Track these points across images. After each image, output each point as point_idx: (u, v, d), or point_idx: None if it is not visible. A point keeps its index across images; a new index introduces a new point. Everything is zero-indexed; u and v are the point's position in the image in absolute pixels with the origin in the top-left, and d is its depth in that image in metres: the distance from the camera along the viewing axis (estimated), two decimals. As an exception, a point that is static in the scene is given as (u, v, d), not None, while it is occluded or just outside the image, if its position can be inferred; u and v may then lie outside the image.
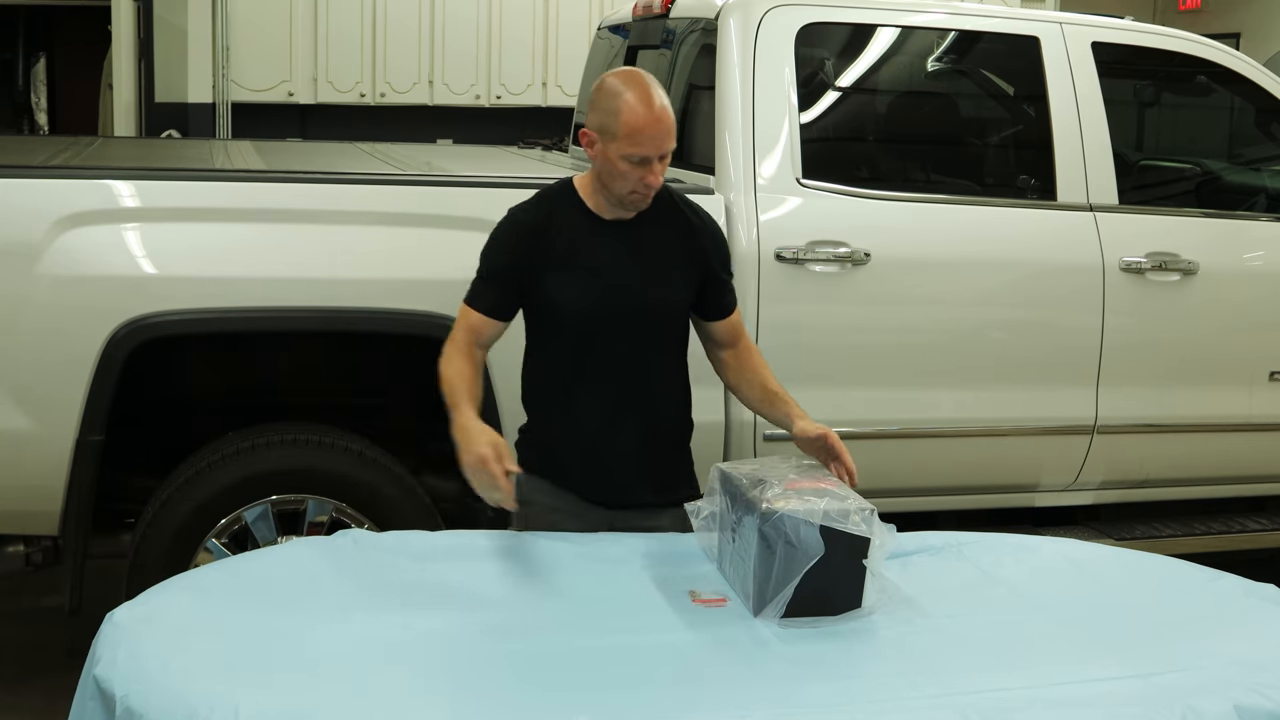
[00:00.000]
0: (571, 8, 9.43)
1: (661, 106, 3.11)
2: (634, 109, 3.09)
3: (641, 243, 3.27)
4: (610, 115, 3.12)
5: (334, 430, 3.98)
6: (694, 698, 2.46)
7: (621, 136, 3.11)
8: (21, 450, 3.73)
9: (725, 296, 3.41)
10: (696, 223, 3.36)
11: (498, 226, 3.32)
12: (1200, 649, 2.73)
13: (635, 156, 3.11)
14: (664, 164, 3.16)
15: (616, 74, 3.21)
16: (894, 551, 3.18)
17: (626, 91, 3.12)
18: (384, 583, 2.89)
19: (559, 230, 3.24)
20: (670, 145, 3.14)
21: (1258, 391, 4.73)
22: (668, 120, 3.12)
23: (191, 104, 8.99)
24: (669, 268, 3.30)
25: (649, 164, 3.12)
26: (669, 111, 3.13)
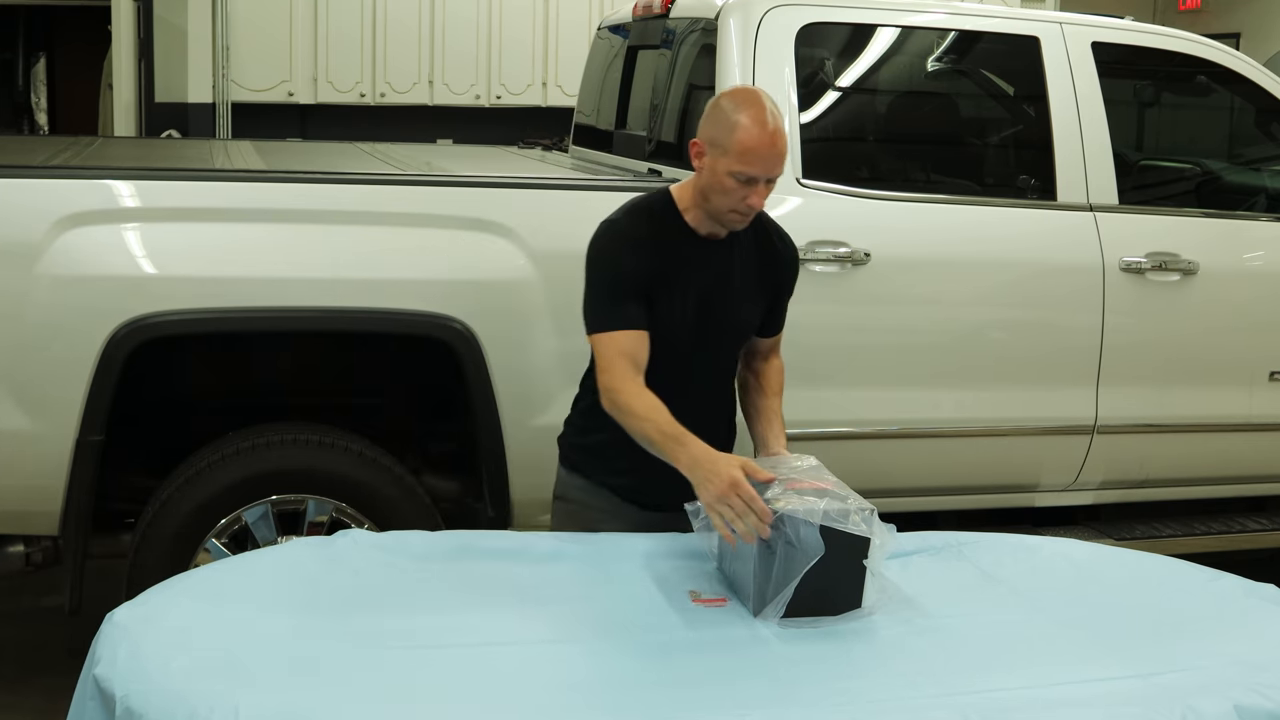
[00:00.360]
0: (571, 8, 9.43)
1: (776, 130, 3.09)
2: (749, 129, 3.07)
3: (732, 263, 3.27)
4: (724, 130, 3.10)
5: (334, 430, 3.98)
6: (694, 698, 2.46)
7: (733, 153, 3.08)
8: (21, 450, 3.73)
9: (782, 317, 3.45)
10: (782, 249, 3.38)
11: (606, 241, 3.21)
12: (1200, 649, 2.74)
13: (743, 175, 3.09)
14: (769, 188, 3.14)
15: (738, 91, 3.21)
16: (894, 551, 3.18)
17: (746, 109, 3.09)
18: (384, 583, 2.89)
19: (661, 244, 3.21)
20: (779, 170, 3.12)
21: (1258, 391, 4.73)
22: (781, 144, 3.10)
23: (191, 104, 8.99)
24: (751, 290, 3.32)
25: (755, 184, 3.10)
26: (783, 136, 3.11)
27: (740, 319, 3.33)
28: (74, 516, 3.76)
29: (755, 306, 3.35)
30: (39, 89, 11.98)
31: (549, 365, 3.97)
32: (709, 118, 3.16)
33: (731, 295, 3.28)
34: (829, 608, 2.79)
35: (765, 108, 3.10)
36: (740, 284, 3.29)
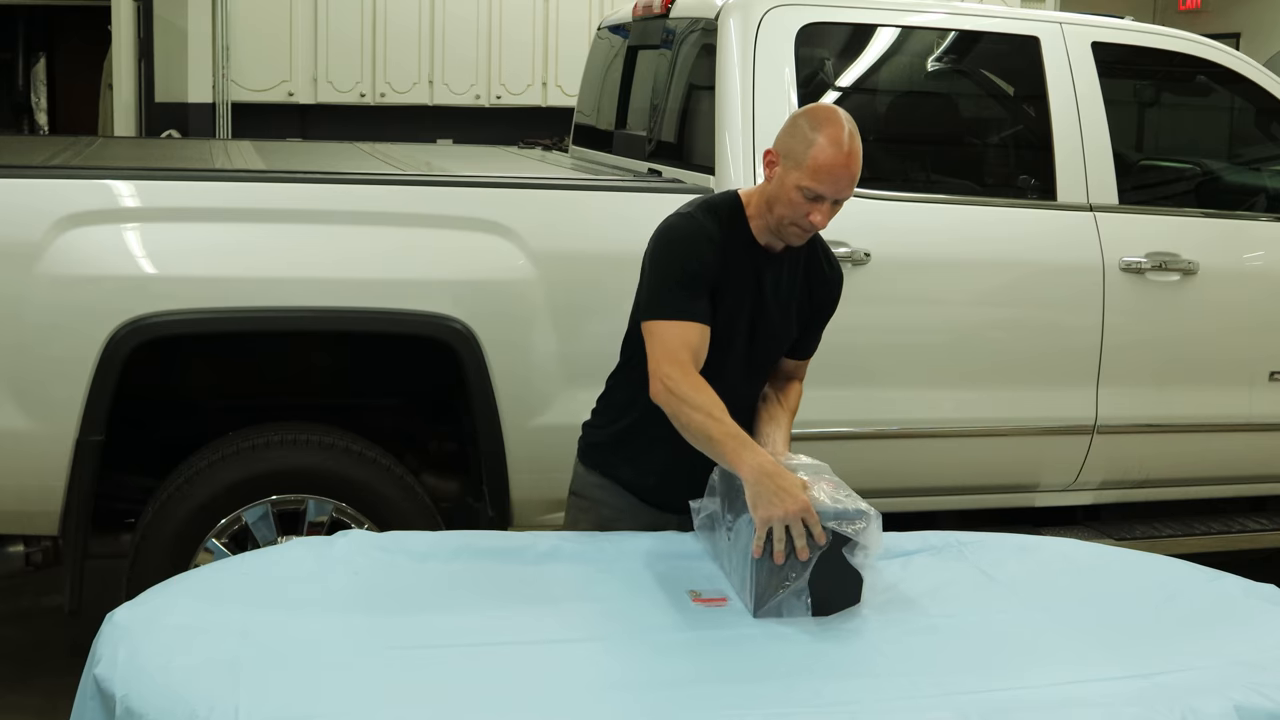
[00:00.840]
0: (571, 8, 9.43)
1: (852, 152, 3.09)
2: (825, 148, 3.07)
3: (782, 278, 3.28)
4: (801, 145, 3.10)
5: (334, 430, 3.98)
6: (694, 698, 2.46)
7: (806, 169, 3.08)
8: (21, 450, 3.73)
9: (815, 340, 3.45)
10: (829, 273, 3.37)
11: (684, 230, 3.18)
12: (1200, 649, 2.74)
13: (812, 192, 3.09)
14: (835, 209, 3.14)
15: (821, 108, 3.20)
16: (894, 551, 3.19)
17: (827, 128, 3.09)
18: (384, 583, 2.89)
19: (729, 246, 3.21)
20: (848, 193, 3.12)
21: (1258, 391, 4.73)
22: (855, 168, 3.09)
23: (191, 104, 8.99)
24: (796, 307, 3.32)
25: (822, 202, 3.10)
26: (859, 160, 3.10)
27: (781, 335, 3.33)
28: (74, 516, 3.76)
29: (791, 324, 3.35)
30: (39, 89, 11.99)
31: (549, 365, 3.97)
32: (788, 129, 3.17)
33: (775, 309, 3.28)
34: (827, 607, 2.79)
35: (844, 129, 3.10)
36: (785, 300, 3.29)
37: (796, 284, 3.31)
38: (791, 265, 3.30)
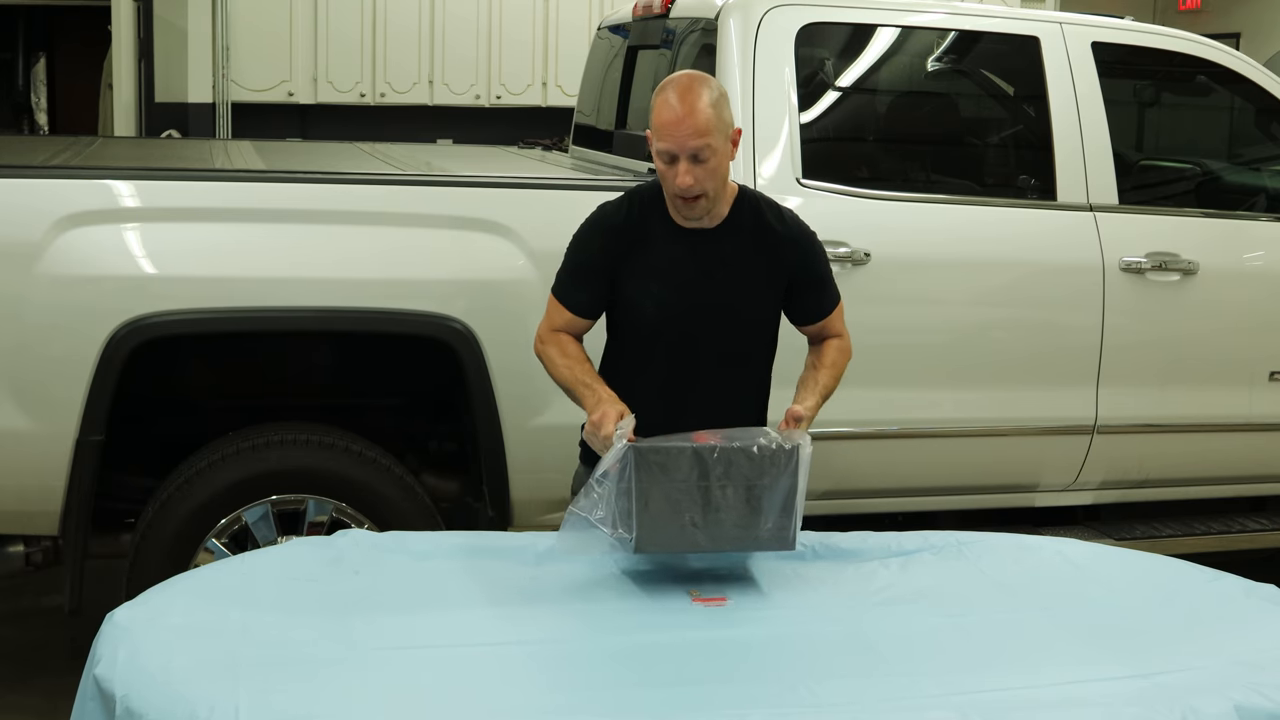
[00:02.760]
0: (571, 8, 9.43)
1: (690, 105, 3.08)
2: (662, 105, 3.10)
3: (724, 253, 3.26)
4: (650, 110, 3.14)
5: (334, 430, 3.98)
6: (694, 698, 2.46)
7: (654, 131, 3.13)
8: (21, 450, 3.73)
9: (816, 301, 3.39)
10: (782, 230, 3.33)
11: (586, 222, 3.32)
12: (1200, 649, 2.74)
13: (664, 153, 3.11)
14: (699, 166, 3.11)
15: (676, 73, 3.22)
16: (894, 551, 3.19)
17: (667, 88, 3.13)
18: (384, 583, 2.89)
19: (644, 235, 3.24)
20: (695, 144, 3.09)
21: (1258, 391, 4.73)
22: (693, 120, 3.08)
23: (191, 104, 8.99)
24: (751, 279, 3.29)
25: (677, 162, 3.11)
26: (697, 111, 3.08)
27: (731, 312, 3.29)
28: (74, 516, 3.76)
29: (759, 298, 3.32)
30: (39, 89, 11.98)
31: (549, 365, 3.97)
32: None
33: (720, 285, 3.26)
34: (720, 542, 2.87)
35: (683, 83, 3.11)
36: (732, 276, 3.27)
37: (746, 255, 3.28)
38: (736, 239, 3.27)
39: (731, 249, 3.27)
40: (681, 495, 2.85)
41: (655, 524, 2.84)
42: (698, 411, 3.22)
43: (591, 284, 3.27)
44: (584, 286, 3.27)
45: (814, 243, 3.40)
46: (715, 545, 2.88)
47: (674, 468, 2.85)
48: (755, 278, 3.30)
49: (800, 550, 3.16)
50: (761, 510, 2.89)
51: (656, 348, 3.28)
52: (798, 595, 2.95)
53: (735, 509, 2.88)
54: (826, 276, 3.42)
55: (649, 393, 3.24)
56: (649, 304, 3.25)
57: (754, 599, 2.90)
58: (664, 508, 2.85)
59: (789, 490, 2.91)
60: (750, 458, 2.88)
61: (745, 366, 3.37)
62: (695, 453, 2.86)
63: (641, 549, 2.85)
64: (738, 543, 2.90)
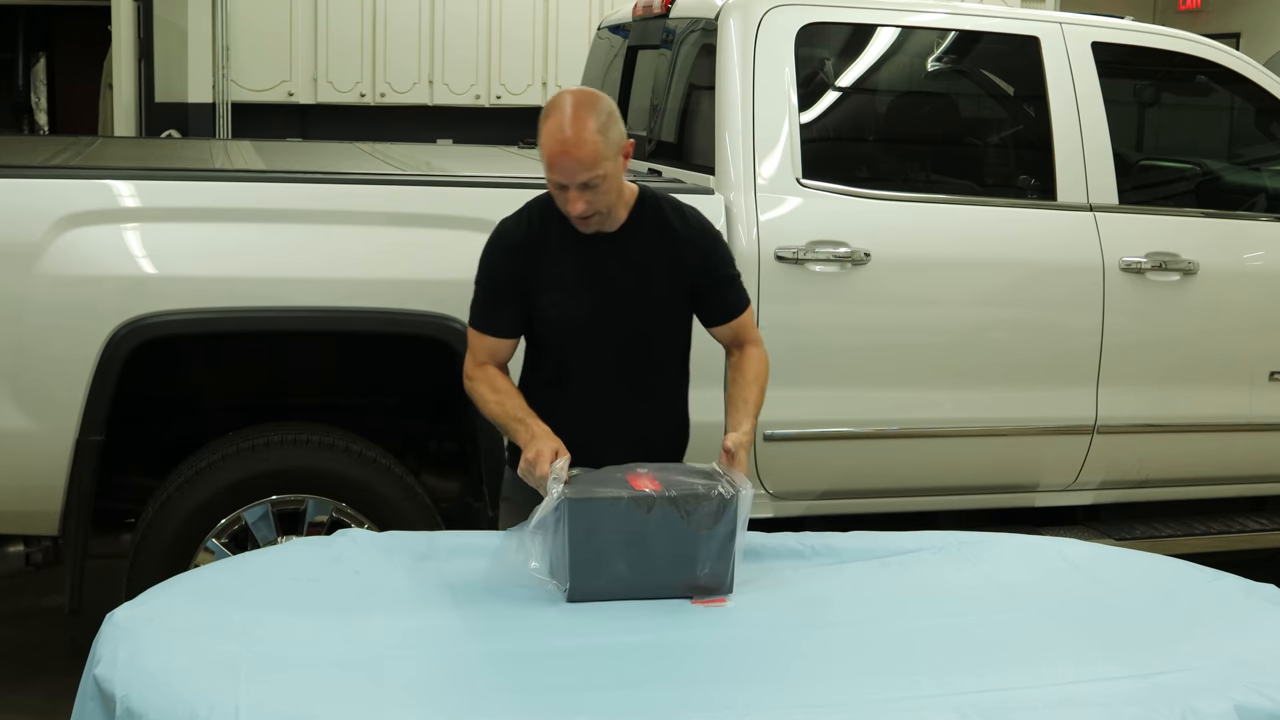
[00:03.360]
0: (571, 8, 9.43)
1: (576, 137, 3.01)
2: (550, 136, 3.05)
3: (627, 256, 3.24)
4: (538, 137, 3.10)
5: (334, 430, 3.98)
6: (694, 697, 2.46)
7: (543, 161, 3.09)
8: (21, 450, 3.73)
9: (722, 301, 3.34)
10: (683, 229, 3.29)
11: (489, 244, 3.29)
12: (1200, 649, 2.74)
13: (554, 181, 3.09)
14: (591, 192, 3.08)
15: (559, 94, 3.14)
16: (894, 551, 3.19)
17: (552, 116, 3.06)
18: (383, 583, 2.89)
19: (547, 245, 3.22)
20: (584, 176, 3.04)
21: (1258, 391, 4.73)
22: (579, 152, 3.02)
23: (191, 104, 8.98)
24: (656, 280, 3.26)
25: (567, 190, 3.08)
26: (584, 143, 3.02)
27: (639, 314, 3.26)
28: (74, 516, 3.76)
29: (665, 298, 3.27)
30: (39, 89, 11.98)
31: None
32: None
33: (631, 286, 3.23)
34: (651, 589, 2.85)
35: (566, 114, 3.04)
36: (637, 278, 3.24)
37: (650, 256, 3.25)
38: (639, 241, 3.24)
39: (634, 252, 3.24)
40: (616, 546, 2.83)
41: (589, 574, 2.82)
42: (618, 417, 3.24)
43: (505, 305, 3.24)
44: (498, 309, 3.25)
45: (717, 242, 3.36)
46: (651, 593, 2.85)
47: (608, 519, 2.83)
48: (659, 279, 3.26)
49: (800, 550, 3.16)
50: (698, 558, 2.87)
51: (571, 357, 3.27)
52: (798, 595, 2.95)
53: (671, 558, 2.86)
54: (732, 277, 3.36)
55: (569, 403, 3.26)
56: (556, 314, 3.23)
57: (754, 599, 2.90)
58: (598, 558, 2.83)
59: (726, 537, 2.88)
60: (686, 508, 2.85)
61: (660, 370, 3.35)
62: (630, 504, 2.84)
63: (575, 599, 2.83)
64: (673, 590, 2.87)
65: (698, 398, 3.48)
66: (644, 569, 2.84)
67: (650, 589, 2.85)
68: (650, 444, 3.30)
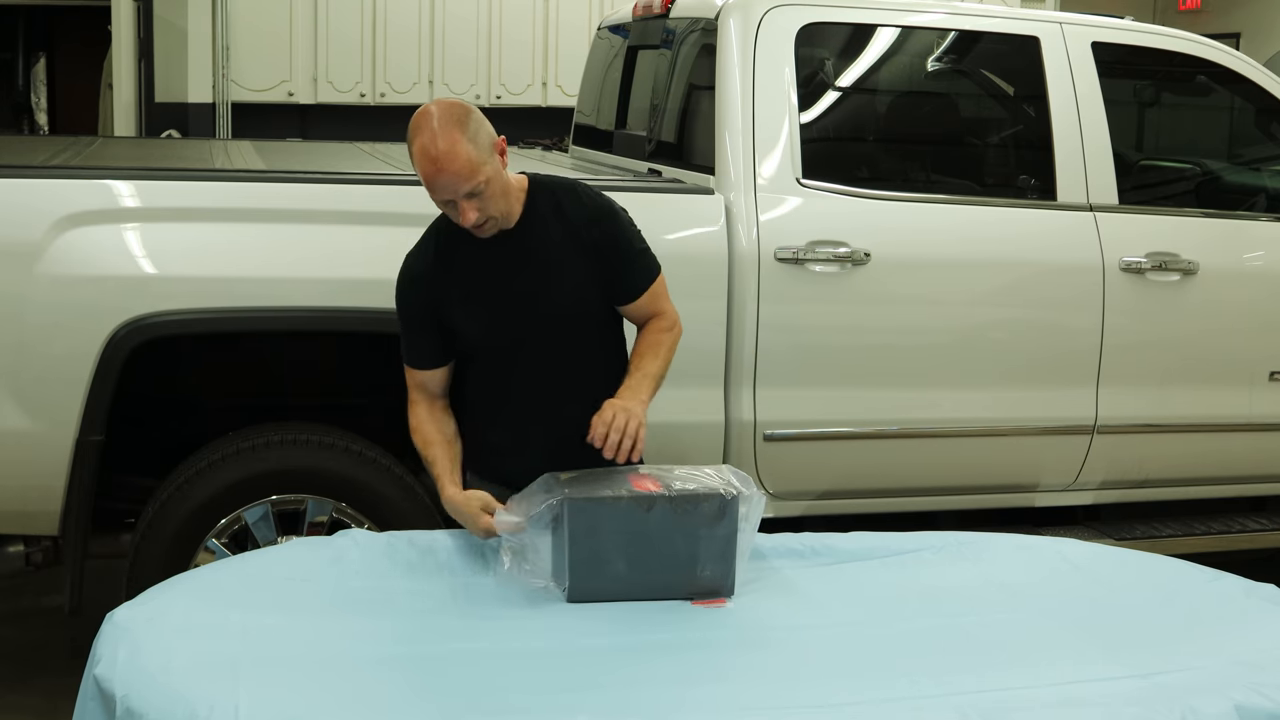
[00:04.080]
0: (571, 8, 9.43)
1: (444, 151, 2.97)
2: (421, 156, 3.01)
3: (531, 249, 3.20)
4: (411, 158, 3.06)
5: (334, 430, 3.98)
6: (694, 698, 2.46)
7: (423, 182, 3.06)
8: (21, 450, 3.73)
9: (631, 278, 3.28)
10: (578, 209, 3.24)
11: (398, 280, 3.28)
12: (1200, 649, 2.74)
13: (440, 200, 3.08)
14: (479, 199, 3.05)
15: (418, 111, 3.07)
16: (894, 551, 3.19)
17: (416, 138, 3.02)
18: (383, 583, 2.89)
19: (451, 263, 3.21)
20: (467, 186, 3.00)
21: (1258, 391, 4.73)
22: (454, 165, 2.98)
23: (191, 104, 8.99)
24: (565, 265, 3.22)
25: (455, 204, 3.05)
26: (454, 155, 2.98)
27: (556, 304, 3.22)
28: (74, 516, 3.76)
29: (578, 282, 3.23)
30: (39, 89, 11.99)
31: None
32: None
33: (545, 281, 3.21)
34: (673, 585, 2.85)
35: (429, 131, 2.99)
36: (552, 265, 3.21)
37: (554, 241, 3.21)
38: (540, 231, 3.20)
39: (536, 242, 3.21)
40: (616, 546, 2.83)
41: (589, 574, 2.82)
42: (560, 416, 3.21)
43: (426, 336, 3.25)
44: (421, 341, 3.26)
45: (616, 215, 3.28)
46: (651, 593, 2.85)
47: (608, 519, 2.83)
48: (566, 264, 3.22)
49: (800, 550, 3.16)
50: (698, 559, 2.87)
51: (497, 364, 3.25)
52: (798, 596, 2.95)
53: (671, 558, 2.86)
54: (637, 249, 3.29)
55: (508, 410, 3.26)
56: (475, 325, 3.22)
57: (754, 599, 2.90)
58: (598, 558, 2.83)
59: (726, 538, 2.88)
60: (686, 508, 2.85)
61: (593, 354, 3.30)
62: (630, 504, 2.84)
63: (574, 599, 2.83)
64: (674, 590, 2.86)
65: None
66: (644, 569, 2.84)
67: (650, 589, 2.85)
68: None
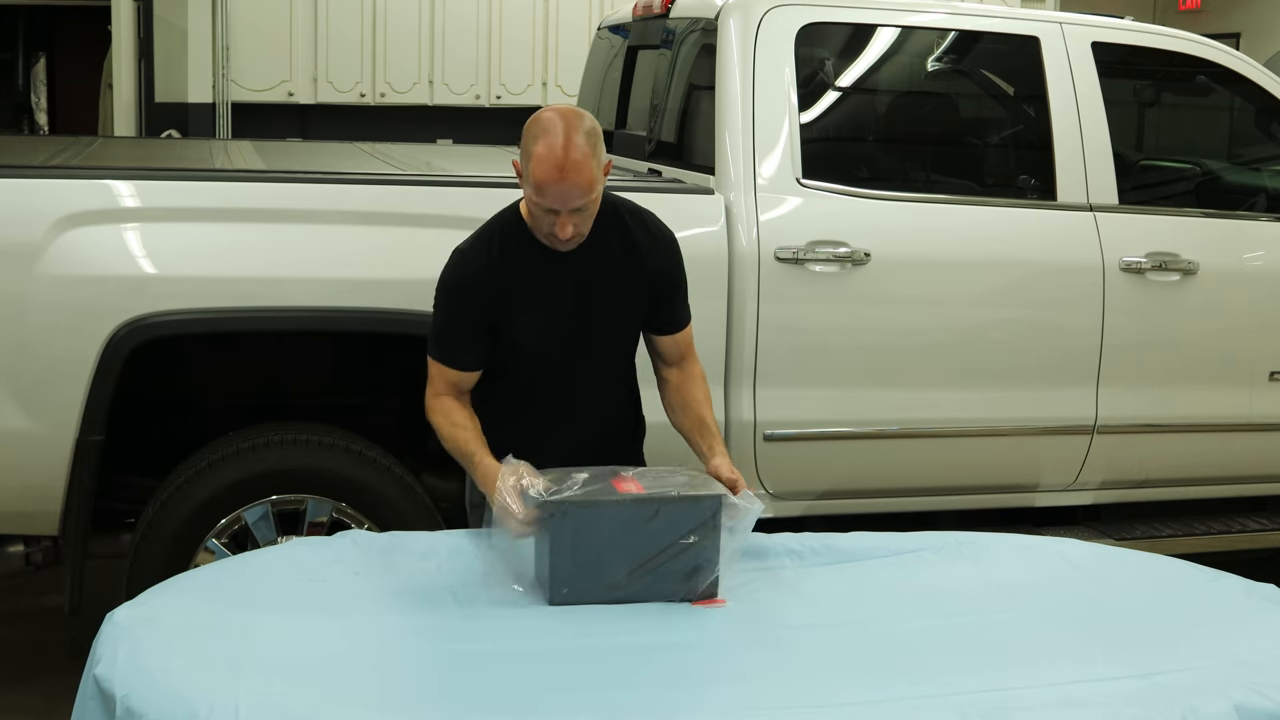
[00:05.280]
0: (571, 8, 9.43)
1: (573, 162, 2.95)
2: (543, 161, 2.96)
3: (593, 271, 3.19)
4: (525, 160, 3.03)
5: (334, 430, 3.98)
6: (694, 698, 2.46)
7: (531, 184, 3.01)
8: (21, 450, 3.73)
9: (675, 312, 3.32)
10: (648, 240, 3.26)
11: (448, 275, 3.21)
12: (1200, 649, 2.74)
13: (541, 207, 3.04)
14: (578, 216, 3.03)
15: (546, 114, 3.06)
16: (894, 551, 3.19)
17: (543, 139, 2.98)
18: (384, 583, 2.89)
19: (511, 269, 3.16)
20: (580, 201, 3.00)
21: (1258, 391, 4.73)
22: (576, 178, 2.96)
23: (191, 104, 8.99)
24: (622, 291, 3.23)
25: (557, 214, 3.02)
26: (581, 168, 2.96)
27: (608, 328, 3.24)
28: (74, 516, 3.76)
29: (631, 305, 3.26)
30: (39, 89, 11.98)
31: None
32: (521, 140, 3.08)
33: (600, 299, 3.20)
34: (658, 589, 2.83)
35: (559, 138, 2.96)
36: (610, 285, 3.21)
37: (618, 265, 3.21)
38: (604, 253, 3.19)
39: (605, 264, 3.20)
40: (598, 550, 2.82)
41: (570, 578, 2.81)
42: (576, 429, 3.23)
43: (470, 340, 3.19)
44: (463, 345, 3.19)
45: (677, 247, 3.32)
46: (634, 597, 2.84)
47: (590, 523, 2.82)
48: (627, 289, 3.23)
49: (800, 550, 3.16)
50: (683, 563, 2.85)
51: (535, 371, 3.24)
52: (798, 596, 2.95)
53: (654, 562, 2.84)
54: (685, 284, 3.33)
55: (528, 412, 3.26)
56: (528, 337, 3.18)
57: (754, 599, 2.90)
58: (580, 562, 2.82)
59: (710, 543, 2.86)
60: (670, 512, 2.84)
61: (617, 372, 3.34)
62: (613, 508, 2.83)
63: (555, 602, 2.81)
64: (657, 594, 2.85)
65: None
66: (627, 573, 2.83)
67: (633, 593, 2.83)
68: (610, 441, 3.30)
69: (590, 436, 3.26)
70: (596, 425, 3.23)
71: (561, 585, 2.81)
